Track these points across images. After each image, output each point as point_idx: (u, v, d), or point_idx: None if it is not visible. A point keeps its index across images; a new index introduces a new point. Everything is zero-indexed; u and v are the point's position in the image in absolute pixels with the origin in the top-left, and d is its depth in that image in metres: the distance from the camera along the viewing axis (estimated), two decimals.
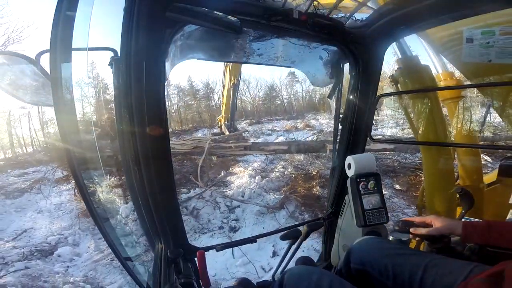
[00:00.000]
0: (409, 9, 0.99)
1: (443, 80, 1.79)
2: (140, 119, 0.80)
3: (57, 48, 0.67)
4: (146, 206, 0.93)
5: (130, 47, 0.74)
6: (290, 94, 33.52)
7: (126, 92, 0.78)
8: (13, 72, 0.77)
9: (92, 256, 3.72)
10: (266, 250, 3.64)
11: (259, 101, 33.20)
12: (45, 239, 4.23)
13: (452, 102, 1.78)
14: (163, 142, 0.87)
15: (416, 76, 1.64)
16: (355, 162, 1.18)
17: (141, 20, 0.73)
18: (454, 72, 1.79)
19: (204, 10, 0.80)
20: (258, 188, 5.58)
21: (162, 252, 0.98)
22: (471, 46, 1.35)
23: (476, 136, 1.84)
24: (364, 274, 0.92)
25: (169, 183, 0.93)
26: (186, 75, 27.96)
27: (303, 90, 33.38)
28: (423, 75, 1.65)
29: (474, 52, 1.35)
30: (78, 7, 0.69)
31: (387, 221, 1.15)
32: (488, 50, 1.33)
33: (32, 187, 6.84)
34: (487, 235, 0.79)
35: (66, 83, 0.75)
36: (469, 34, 1.35)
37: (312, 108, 29.30)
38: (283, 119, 20.38)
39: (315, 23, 1.01)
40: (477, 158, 1.80)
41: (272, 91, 33.08)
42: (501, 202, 1.55)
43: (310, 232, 1.22)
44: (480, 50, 1.34)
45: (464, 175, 1.80)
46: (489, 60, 1.33)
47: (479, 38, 1.33)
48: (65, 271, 3.42)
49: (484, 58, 1.34)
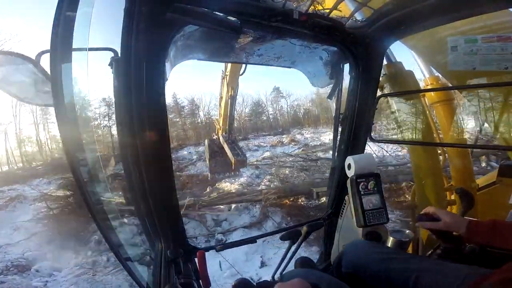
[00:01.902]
0: (409, 9, 0.99)
1: (430, 84, 1.85)
2: (140, 119, 0.80)
3: (57, 48, 0.67)
4: (147, 207, 0.93)
5: (130, 47, 0.74)
6: (276, 109, 33.46)
7: (126, 92, 0.78)
8: (13, 72, 0.77)
9: (74, 271, 3.64)
10: (254, 261, 3.63)
11: (245, 117, 32.97)
12: (22, 255, 4.16)
13: (440, 105, 1.84)
14: (164, 142, 0.87)
15: (400, 81, 1.70)
16: (355, 162, 1.18)
17: (141, 20, 0.73)
18: (439, 76, 1.84)
19: (204, 11, 0.80)
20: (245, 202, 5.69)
21: (162, 252, 0.98)
22: (456, 54, 1.39)
23: (464, 138, 1.91)
24: (356, 278, 0.91)
25: (169, 184, 0.93)
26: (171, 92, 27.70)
27: (288, 105, 33.41)
28: (407, 80, 1.71)
29: (459, 60, 1.39)
30: (78, 7, 0.69)
31: (387, 221, 1.15)
32: (473, 57, 1.36)
33: (8, 204, 6.81)
34: (490, 235, 0.78)
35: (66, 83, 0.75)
36: (454, 43, 1.38)
37: (297, 123, 28.97)
38: (269, 135, 20.32)
39: (315, 24, 1.01)
40: (467, 159, 1.86)
41: (258, 107, 32.86)
42: (500, 203, 1.55)
43: (310, 232, 1.22)
44: (465, 58, 1.37)
45: (456, 176, 1.85)
46: (473, 68, 1.37)
47: (463, 46, 1.37)
48: (43, 285, 3.38)
49: (468, 66, 1.38)
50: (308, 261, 1.28)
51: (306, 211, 5.36)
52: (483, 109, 1.47)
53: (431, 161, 1.78)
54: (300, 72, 1.47)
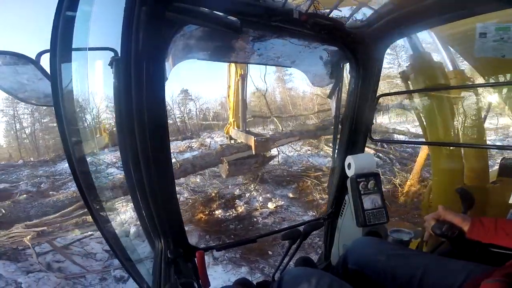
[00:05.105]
0: (409, 9, 0.99)
1: (454, 77, 1.74)
2: (140, 119, 0.80)
3: (57, 48, 0.67)
4: (146, 206, 0.92)
5: (130, 47, 0.74)
6: (184, 112, 30.85)
7: (126, 92, 0.78)
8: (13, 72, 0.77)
9: None
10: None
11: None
12: None
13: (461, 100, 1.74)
14: (163, 142, 0.87)
15: (428, 73, 1.60)
16: (355, 162, 1.18)
17: (141, 20, 0.72)
18: (463, 71, 1.75)
19: (204, 10, 0.80)
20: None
21: (162, 252, 0.98)
22: (485, 41, 1.35)
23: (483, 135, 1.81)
24: (361, 275, 0.91)
25: (169, 183, 0.93)
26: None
27: (197, 108, 31.19)
28: (436, 72, 1.61)
29: (487, 47, 1.35)
30: (78, 7, 0.69)
31: (387, 221, 1.15)
32: (502, 45, 1.32)
33: None
34: (493, 233, 0.78)
35: (66, 83, 0.75)
36: (483, 29, 1.33)
37: (207, 126, 26.00)
38: (176, 140, 18.24)
39: (316, 23, 1.01)
40: (485, 159, 1.78)
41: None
42: (501, 202, 1.55)
43: (310, 232, 1.22)
44: (494, 45, 1.33)
45: (471, 175, 1.77)
46: (502, 55, 1.33)
47: (493, 34, 1.32)
48: None
49: (497, 53, 1.34)
50: (308, 260, 1.29)
51: (225, 224, 4.80)
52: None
53: (451, 159, 1.71)
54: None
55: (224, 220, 5.00)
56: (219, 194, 5.84)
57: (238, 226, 4.85)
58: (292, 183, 6.59)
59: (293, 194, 6.06)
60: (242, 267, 3.58)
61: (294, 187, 6.39)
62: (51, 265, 3.53)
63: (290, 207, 5.50)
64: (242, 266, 3.61)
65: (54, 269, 3.47)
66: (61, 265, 3.56)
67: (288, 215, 5.23)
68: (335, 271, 1.04)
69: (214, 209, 5.32)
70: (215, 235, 4.47)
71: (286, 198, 5.89)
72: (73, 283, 3.29)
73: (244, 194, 6.00)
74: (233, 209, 5.41)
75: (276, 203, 5.57)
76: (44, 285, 3.19)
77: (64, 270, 3.50)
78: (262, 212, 5.27)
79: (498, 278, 0.63)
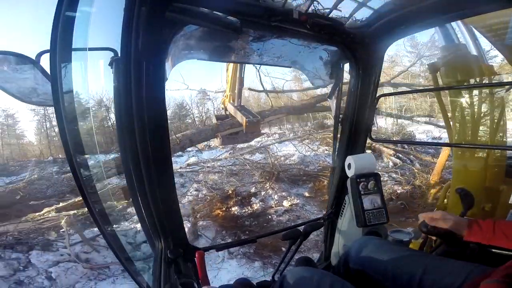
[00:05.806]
0: (409, 9, 0.99)
1: (488, 74, 1.56)
2: (140, 119, 0.80)
3: (57, 48, 0.67)
4: (146, 206, 0.92)
5: (130, 47, 0.74)
6: (202, 112, 30.56)
7: (126, 92, 0.78)
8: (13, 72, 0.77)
9: None
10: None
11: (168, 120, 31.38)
12: None
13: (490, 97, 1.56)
14: (163, 142, 0.87)
15: (462, 67, 1.46)
16: (355, 162, 1.18)
17: (141, 20, 0.72)
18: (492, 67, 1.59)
19: (204, 10, 0.80)
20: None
21: (162, 252, 0.98)
22: None
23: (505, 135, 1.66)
24: (362, 275, 0.91)
25: (169, 183, 0.93)
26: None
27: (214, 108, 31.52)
28: (471, 66, 1.46)
29: None
30: (78, 7, 0.69)
31: (387, 221, 1.15)
32: None
33: None
34: (491, 235, 0.79)
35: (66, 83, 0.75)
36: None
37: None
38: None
39: (315, 23, 1.01)
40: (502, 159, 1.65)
41: (181, 110, 31.16)
42: (501, 202, 1.54)
43: (310, 232, 1.21)
44: None
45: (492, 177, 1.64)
46: None
47: None
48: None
49: None
50: (309, 260, 1.29)
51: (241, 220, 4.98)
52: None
53: (473, 160, 1.59)
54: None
55: (240, 217, 5.11)
56: (235, 191, 5.96)
57: (253, 222, 4.93)
58: (308, 182, 6.62)
59: (309, 193, 6.05)
60: (255, 262, 3.66)
61: (310, 186, 6.39)
62: (79, 256, 3.71)
63: (305, 206, 5.49)
64: (255, 261, 3.69)
65: (82, 260, 3.64)
66: (88, 256, 3.73)
67: (303, 213, 5.25)
68: (336, 271, 1.03)
69: (230, 206, 5.47)
70: (231, 231, 4.57)
71: (301, 197, 5.89)
72: (98, 273, 3.47)
73: (259, 192, 6.06)
74: (248, 206, 5.51)
75: (292, 202, 5.58)
76: (72, 275, 3.36)
77: (90, 261, 3.65)
78: (277, 210, 5.31)
79: (497, 279, 0.63)
